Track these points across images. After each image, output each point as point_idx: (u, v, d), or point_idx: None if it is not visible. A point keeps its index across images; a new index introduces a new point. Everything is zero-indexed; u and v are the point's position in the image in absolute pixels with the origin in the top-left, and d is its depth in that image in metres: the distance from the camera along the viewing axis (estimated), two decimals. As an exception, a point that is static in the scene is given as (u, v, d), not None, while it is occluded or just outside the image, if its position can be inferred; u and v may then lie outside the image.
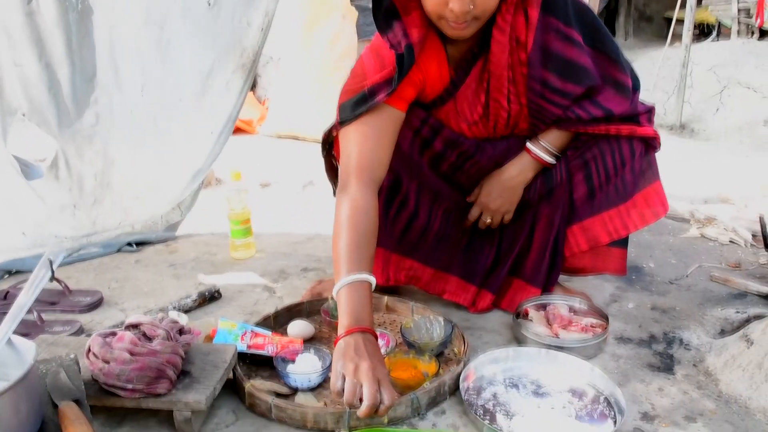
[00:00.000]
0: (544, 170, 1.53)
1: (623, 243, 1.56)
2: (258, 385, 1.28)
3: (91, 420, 1.02)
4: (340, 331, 1.17)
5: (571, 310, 1.58)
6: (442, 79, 1.46)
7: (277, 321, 1.55)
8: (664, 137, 1.61)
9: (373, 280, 1.23)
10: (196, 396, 1.16)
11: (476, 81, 1.46)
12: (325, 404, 1.26)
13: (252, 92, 5.25)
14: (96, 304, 1.74)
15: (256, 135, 4.22)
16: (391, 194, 1.52)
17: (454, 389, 1.29)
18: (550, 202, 1.55)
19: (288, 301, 1.74)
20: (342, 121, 1.41)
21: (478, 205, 1.56)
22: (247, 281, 1.90)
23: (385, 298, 1.62)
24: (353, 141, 1.38)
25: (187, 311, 1.68)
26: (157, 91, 1.92)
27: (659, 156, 1.58)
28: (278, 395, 1.27)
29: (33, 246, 1.89)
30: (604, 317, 1.53)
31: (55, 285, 1.78)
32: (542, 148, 1.50)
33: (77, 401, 1.07)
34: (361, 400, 1.09)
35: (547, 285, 1.62)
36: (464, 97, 1.47)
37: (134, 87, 1.88)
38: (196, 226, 2.36)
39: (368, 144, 1.37)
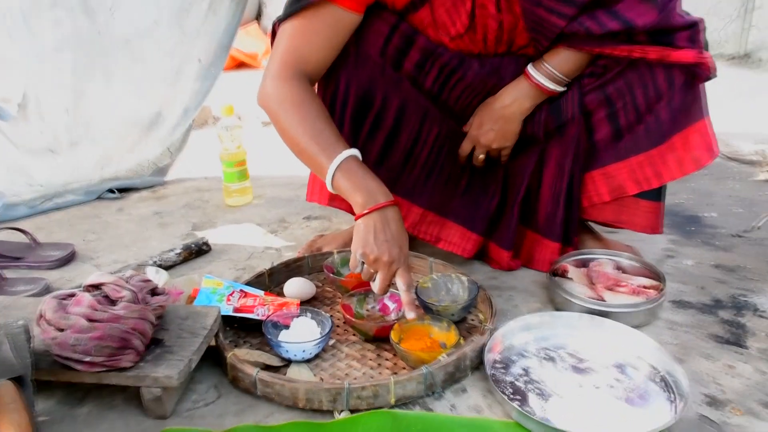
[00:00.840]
0: (551, 101, 1.41)
1: (657, 195, 1.45)
2: (242, 356, 1.19)
3: (33, 403, 0.90)
4: (358, 210, 1.18)
5: (619, 267, 1.48)
6: None
7: (273, 279, 1.48)
8: (724, 69, 1.44)
9: (357, 153, 1.21)
10: (167, 370, 1.06)
11: None
12: (322, 380, 1.17)
13: (257, 23, 5.07)
14: (67, 259, 1.64)
15: (261, 69, 4.08)
16: (361, 110, 1.41)
17: (478, 363, 1.20)
18: (560, 142, 1.44)
19: (287, 254, 1.67)
20: (280, 18, 1.32)
21: (469, 137, 1.46)
22: (241, 231, 1.84)
23: None
24: (284, 36, 1.30)
25: (169, 267, 1.60)
26: (129, 12, 1.80)
27: (715, 90, 1.42)
28: (267, 368, 1.18)
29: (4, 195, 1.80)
30: (659, 277, 1.42)
31: (22, 237, 1.67)
32: (544, 72, 1.36)
33: (20, 378, 0.95)
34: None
35: (567, 239, 1.52)
36: (441, 2, 1.33)
37: (102, 7, 1.76)
38: (188, 170, 2.30)
39: (299, 40, 1.28)
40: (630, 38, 1.30)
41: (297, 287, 1.42)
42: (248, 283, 1.41)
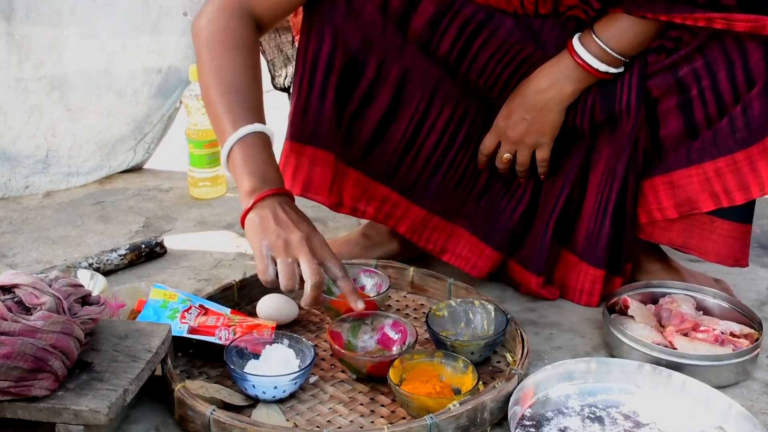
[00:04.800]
0: (602, 83, 1.42)
1: (741, 214, 1.45)
2: (195, 389, 1.21)
3: None
4: (245, 201, 1.24)
5: (700, 306, 1.49)
6: None
7: (244, 294, 1.51)
8: None
9: (270, 132, 1.29)
10: (94, 402, 1.08)
11: None
12: (296, 425, 1.18)
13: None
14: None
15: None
16: (349, 79, 1.43)
17: (500, 417, 1.21)
18: (612, 139, 1.46)
19: None
20: None
21: (494, 130, 1.48)
22: (207, 232, 1.87)
23: (411, 270, 1.57)
24: None
25: (109, 272, 1.64)
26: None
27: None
28: (226, 406, 1.20)
29: None
30: (755, 322, 1.43)
31: None
32: (594, 48, 1.38)
33: None
34: (302, 281, 1.20)
35: (616, 266, 1.54)
36: None
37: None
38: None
39: None
40: (713, 1, 1.30)
41: (273, 306, 1.43)
42: (211, 298, 1.42)
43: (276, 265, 1.19)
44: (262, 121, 1.29)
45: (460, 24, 1.39)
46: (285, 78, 2.05)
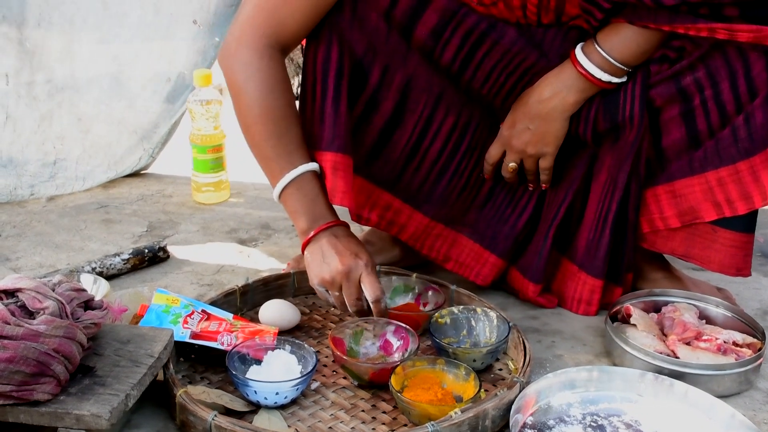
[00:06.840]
0: (604, 95, 1.43)
1: (744, 224, 1.46)
2: (197, 395, 1.21)
3: None
4: (301, 239, 1.38)
5: (702, 315, 1.49)
6: None
7: (247, 299, 1.52)
8: None
9: (315, 166, 1.39)
10: (96, 407, 1.08)
11: None
12: (297, 431, 1.17)
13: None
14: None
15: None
16: (352, 87, 1.43)
17: (502, 425, 1.21)
18: (614, 148, 1.46)
19: (268, 270, 1.69)
20: None
21: (500, 138, 1.50)
22: (210, 237, 1.87)
23: (413, 277, 1.57)
24: None
25: (112, 276, 1.64)
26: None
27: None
28: (228, 412, 1.20)
29: None
30: (758, 332, 1.42)
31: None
32: (596, 58, 1.38)
33: None
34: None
35: (616, 276, 1.55)
36: None
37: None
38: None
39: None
40: (716, 11, 1.30)
41: (276, 312, 1.43)
42: (213, 303, 1.42)
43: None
44: (306, 157, 1.38)
45: (464, 33, 1.40)
46: (296, 87, 2.06)
